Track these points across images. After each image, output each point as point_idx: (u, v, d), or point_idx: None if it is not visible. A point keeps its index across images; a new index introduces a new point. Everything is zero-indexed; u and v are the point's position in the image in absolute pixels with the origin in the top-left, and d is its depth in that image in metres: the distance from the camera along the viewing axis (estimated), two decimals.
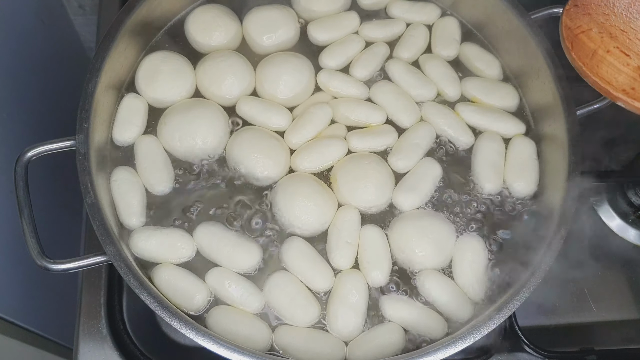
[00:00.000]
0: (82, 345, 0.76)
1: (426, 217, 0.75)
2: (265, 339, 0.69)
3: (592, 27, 0.55)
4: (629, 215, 0.88)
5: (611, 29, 0.54)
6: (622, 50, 0.53)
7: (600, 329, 0.83)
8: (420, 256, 0.72)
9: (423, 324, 0.70)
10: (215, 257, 0.72)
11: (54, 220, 1.01)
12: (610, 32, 0.54)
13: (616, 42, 0.53)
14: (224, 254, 0.71)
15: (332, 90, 0.81)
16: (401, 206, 0.76)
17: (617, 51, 0.53)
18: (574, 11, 0.56)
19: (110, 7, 0.93)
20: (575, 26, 0.56)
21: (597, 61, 0.54)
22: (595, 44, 0.54)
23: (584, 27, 0.55)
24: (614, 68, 0.54)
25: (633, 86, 0.53)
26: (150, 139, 0.77)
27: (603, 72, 0.55)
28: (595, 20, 0.54)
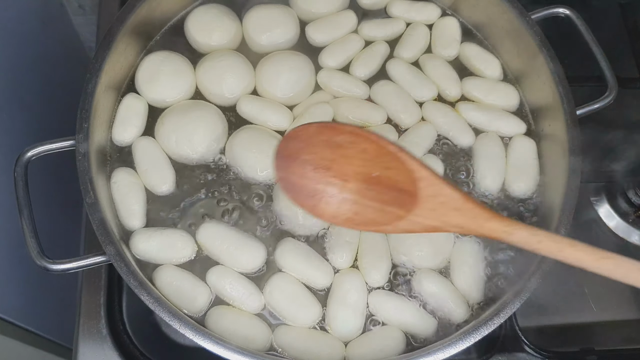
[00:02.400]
0: (82, 345, 0.76)
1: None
2: (265, 339, 0.69)
3: (306, 167, 0.56)
4: (629, 215, 0.88)
5: (324, 162, 0.56)
6: (340, 178, 0.55)
7: (600, 329, 0.83)
8: (417, 256, 0.72)
9: (413, 324, 0.70)
10: (218, 256, 0.72)
11: (54, 220, 1.01)
12: (324, 165, 0.56)
13: (332, 172, 0.55)
14: (228, 253, 0.71)
15: (332, 90, 0.81)
16: None
17: (335, 180, 0.55)
18: (282, 162, 0.58)
19: (110, 7, 0.93)
20: (289, 174, 0.58)
21: (319, 199, 0.56)
22: (314, 182, 0.56)
23: (299, 171, 0.57)
24: (337, 198, 0.56)
25: (357, 211, 0.55)
26: (147, 141, 0.77)
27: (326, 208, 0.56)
28: (305, 160, 0.56)
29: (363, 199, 0.56)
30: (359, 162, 0.55)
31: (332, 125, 0.58)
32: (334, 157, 0.56)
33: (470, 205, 0.53)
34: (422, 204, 0.53)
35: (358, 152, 0.55)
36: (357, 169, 0.55)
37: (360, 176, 0.55)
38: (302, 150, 0.57)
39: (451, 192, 0.53)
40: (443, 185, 0.53)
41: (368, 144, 0.54)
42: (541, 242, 0.51)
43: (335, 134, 0.56)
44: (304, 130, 0.57)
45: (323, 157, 0.56)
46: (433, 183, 0.53)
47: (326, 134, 0.56)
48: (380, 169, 0.54)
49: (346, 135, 0.55)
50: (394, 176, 0.54)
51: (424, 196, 0.53)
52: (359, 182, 0.55)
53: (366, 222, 0.56)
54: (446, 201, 0.53)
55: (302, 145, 0.57)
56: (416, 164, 0.53)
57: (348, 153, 0.55)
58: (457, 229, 0.54)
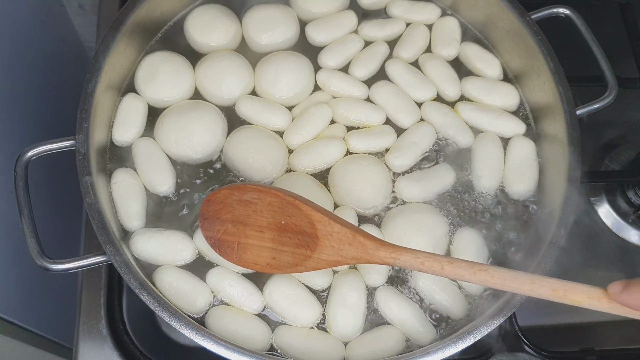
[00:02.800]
0: (82, 345, 0.76)
1: (418, 211, 0.74)
2: (265, 339, 0.69)
3: (227, 225, 0.64)
4: (629, 215, 0.88)
5: (240, 218, 0.64)
6: (256, 230, 0.63)
7: (600, 329, 0.83)
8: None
9: (413, 327, 0.70)
10: (217, 258, 0.72)
11: (54, 220, 1.01)
12: (241, 221, 0.64)
13: (249, 226, 0.63)
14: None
15: (331, 90, 0.81)
16: (400, 193, 0.76)
17: (252, 232, 0.63)
18: (207, 224, 0.65)
19: (110, 7, 0.93)
20: (214, 233, 0.65)
21: (242, 250, 0.64)
22: (236, 236, 0.64)
23: (221, 228, 0.65)
24: (257, 247, 0.63)
25: (274, 256, 0.63)
26: (147, 141, 0.77)
27: (249, 257, 0.64)
28: (225, 219, 0.64)
29: (278, 245, 0.63)
30: (268, 214, 0.62)
31: (238, 186, 0.65)
32: (247, 213, 0.63)
33: (360, 239, 0.59)
34: (322, 242, 0.60)
35: (265, 206, 0.62)
36: (268, 220, 0.63)
37: (272, 225, 0.63)
38: (221, 211, 0.64)
39: (342, 228, 0.60)
40: (334, 224, 0.60)
41: (271, 197, 0.62)
42: (424, 263, 0.57)
43: (243, 193, 0.63)
44: (217, 194, 0.65)
45: (239, 214, 0.64)
46: (327, 223, 0.60)
47: (236, 195, 0.64)
48: (286, 217, 0.62)
49: (252, 192, 0.63)
50: (297, 222, 0.61)
51: (322, 235, 0.60)
52: (272, 231, 0.63)
53: (283, 265, 0.63)
54: (340, 237, 0.60)
55: (220, 206, 0.64)
56: (311, 210, 0.60)
57: (258, 208, 0.63)
58: (353, 261, 0.60)
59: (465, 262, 0.56)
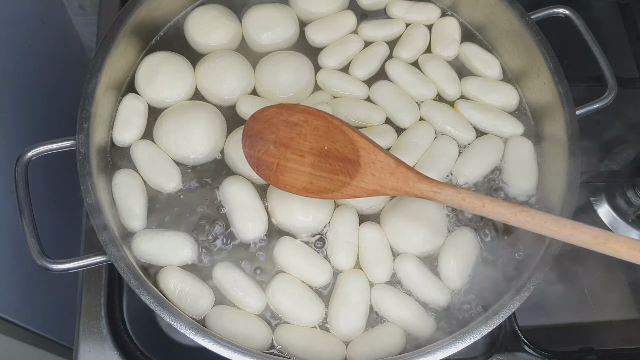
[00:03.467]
0: (82, 345, 0.76)
1: (415, 202, 0.74)
2: (265, 338, 0.69)
3: (269, 145, 0.65)
4: (629, 215, 0.88)
5: (284, 140, 0.65)
6: (297, 153, 0.64)
7: (600, 329, 0.83)
8: (414, 242, 0.73)
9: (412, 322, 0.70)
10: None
11: (54, 220, 1.01)
12: (284, 143, 0.65)
13: (290, 149, 0.64)
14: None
15: (331, 90, 0.81)
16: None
17: (293, 155, 0.64)
18: (249, 142, 0.67)
19: (110, 7, 0.93)
20: (255, 151, 0.66)
21: (280, 172, 0.65)
22: (276, 157, 0.65)
23: (262, 148, 0.66)
24: (295, 171, 0.65)
25: (311, 181, 0.64)
26: (144, 144, 0.76)
27: (286, 179, 0.65)
28: (268, 139, 0.65)
29: (316, 170, 0.64)
30: (312, 139, 0.63)
31: (288, 106, 0.65)
32: (291, 136, 0.64)
33: (402, 169, 0.60)
34: (364, 170, 0.61)
35: (311, 130, 0.63)
36: (311, 144, 0.64)
37: (313, 151, 0.64)
38: (265, 130, 0.65)
39: (385, 157, 0.61)
40: (379, 152, 0.61)
41: (319, 120, 0.63)
42: (465, 199, 0.58)
43: (291, 114, 0.64)
44: (265, 112, 0.65)
45: (282, 135, 0.65)
46: (371, 151, 0.61)
47: (284, 115, 0.64)
48: (330, 142, 0.63)
49: (300, 114, 0.64)
50: (341, 148, 0.62)
51: (365, 163, 0.61)
52: (312, 156, 0.64)
53: (319, 190, 0.64)
54: (383, 166, 0.61)
55: (264, 125, 0.65)
56: (357, 135, 0.62)
57: (303, 131, 0.64)
58: (392, 192, 0.61)
59: (507, 203, 0.56)
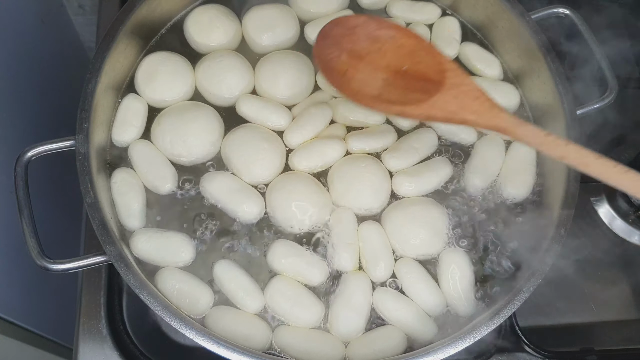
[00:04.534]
0: (82, 345, 0.76)
1: (416, 204, 0.75)
2: (265, 338, 0.69)
3: (343, 53, 0.64)
4: (629, 215, 0.88)
5: (360, 52, 0.63)
6: (370, 67, 0.63)
7: (600, 329, 0.83)
8: (413, 244, 0.73)
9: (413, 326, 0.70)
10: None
11: (54, 220, 1.01)
12: (359, 55, 0.63)
13: (364, 62, 0.63)
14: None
15: (331, 90, 0.81)
16: (397, 189, 0.76)
17: (366, 68, 0.63)
18: (323, 42, 0.65)
19: (110, 7, 0.93)
20: (326, 54, 0.65)
21: (349, 79, 0.63)
22: (346, 66, 0.64)
23: (334, 53, 0.64)
24: (364, 82, 0.63)
25: (380, 93, 0.62)
26: (142, 144, 0.76)
27: (354, 85, 0.63)
28: (344, 48, 0.64)
29: (389, 86, 0.62)
30: (392, 56, 0.63)
31: (376, 19, 0.65)
32: (370, 50, 0.63)
33: (487, 97, 0.59)
34: (446, 91, 0.60)
35: (395, 47, 0.63)
36: (388, 61, 0.63)
37: (390, 68, 0.62)
38: (344, 38, 0.64)
39: (472, 83, 0.60)
40: (467, 77, 0.60)
41: (406, 39, 0.63)
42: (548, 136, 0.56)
43: (379, 28, 0.64)
44: (351, 20, 0.65)
45: (360, 47, 0.63)
46: (459, 74, 0.60)
47: (371, 27, 0.64)
48: (412, 62, 0.62)
49: (389, 29, 0.63)
50: (424, 69, 0.61)
51: (449, 84, 0.60)
52: (387, 73, 0.62)
53: (390, 101, 0.62)
54: (468, 90, 0.59)
55: (345, 32, 0.64)
56: (445, 58, 0.62)
57: (384, 48, 0.63)
58: (473, 116, 0.59)
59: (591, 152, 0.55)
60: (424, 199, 0.76)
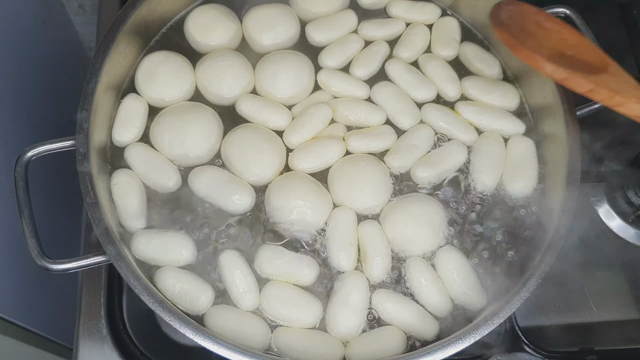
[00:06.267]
0: (82, 345, 0.76)
1: (415, 201, 0.74)
2: (264, 338, 0.69)
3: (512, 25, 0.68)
4: (629, 215, 0.88)
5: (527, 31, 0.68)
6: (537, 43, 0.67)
7: (600, 329, 0.83)
8: (415, 241, 0.73)
9: (414, 324, 0.70)
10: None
11: (54, 220, 1.01)
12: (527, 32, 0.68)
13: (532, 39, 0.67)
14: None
15: (332, 90, 0.81)
16: (416, 178, 0.77)
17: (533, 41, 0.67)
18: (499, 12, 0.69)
19: (110, 7, 0.93)
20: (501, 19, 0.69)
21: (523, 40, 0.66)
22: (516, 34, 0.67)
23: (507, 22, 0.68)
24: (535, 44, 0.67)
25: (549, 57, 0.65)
26: (138, 146, 0.76)
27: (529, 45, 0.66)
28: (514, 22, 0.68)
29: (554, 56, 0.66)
30: (556, 43, 0.68)
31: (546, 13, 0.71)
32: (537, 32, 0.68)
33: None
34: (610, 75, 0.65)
35: (559, 39, 0.68)
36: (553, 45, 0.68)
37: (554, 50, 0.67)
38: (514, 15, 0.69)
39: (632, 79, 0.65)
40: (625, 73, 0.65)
41: (570, 35, 0.69)
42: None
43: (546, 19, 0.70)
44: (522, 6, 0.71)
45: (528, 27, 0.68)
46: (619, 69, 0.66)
47: (540, 17, 0.70)
48: (575, 52, 0.67)
49: (555, 24, 0.69)
50: (587, 58, 0.67)
51: (612, 72, 0.65)
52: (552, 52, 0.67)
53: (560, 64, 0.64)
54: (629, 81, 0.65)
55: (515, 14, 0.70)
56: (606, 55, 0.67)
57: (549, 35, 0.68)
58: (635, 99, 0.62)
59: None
60: (423, 196, 0.76)
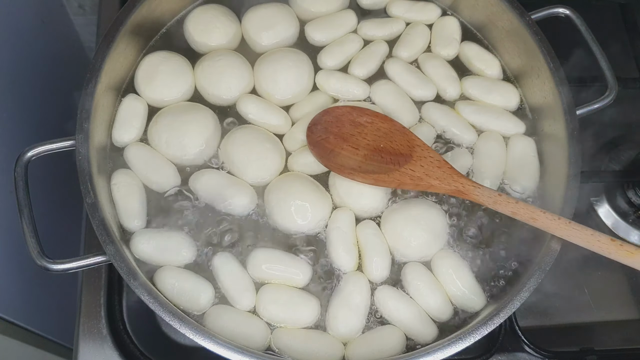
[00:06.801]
0: (82, 345, 0.76)
1: (416, 205, 0.74)
2: (264, 338, 0.69)
3: (330, 136, 0.75)
4: (629, 215, 0.88)
5: (344, 135, 0.75)
6: (352, 146, 0.74)
7: (600, 329, 0.83)
8: (414, 246, 0.72)
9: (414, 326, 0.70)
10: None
11: (54, 220, 1.01)
12: (344, 138, 0.75)
13: (348, 142, 0.74)
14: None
15: (331, 91, 0.81)
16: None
17: (349, 147, 0.74)
18: (314, 128, 0.76)
19: (110, 7, 0.93)
20: (316, 137, 0.75)
21: (335, 156, 0.74)
22: (333, 146, 0.74)
23: (323, 136, 0.75)
24: (347, 158, 0.74)
25: (360, 166, 0.73)
26: (137, 147, 0.76)
27: (338, 161, 0.74)
28: (331, 131, 0.75)
29: (368, 160, 0.73)
30: (371, 137, 0.75)
31: (358, 108, 0.77)
32: (353, 133, 0.75)
33: (448, 166, 0.72)
34: (414, 162, 0.72)
35: (373, 130, 0.75)
36: (368, 142, 0.74)
37: (369, 146, 0.74)
38: (332, 124, 0.76)
39: (436, 154, 0.73)
40: (431, 151, 0.73)
41: (383, 123, 0.75)
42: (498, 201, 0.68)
43: (360, 115, 0.76)
44: (337, 110, 0.77)
45: (345, 131, 0.75)
46: (425, 149, 0.73)
47: (353, 115, 0.76)
48: (387, 141, 0.74)
49: (368, 116, 0.76)
50: (396, 146, 0.74)
51: (417, 157, 0.72)
52: (367, 150, 0.74)
53: (367, 172, 0.73)
54: (432, 161, 0.72)
55: (332, 120, 0.76)
56: (415, 136, 0.75)
57: (365, 131, 0.75)
58: (437, 181, 0.71)
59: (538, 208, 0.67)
60: (423, 200, 0.76)
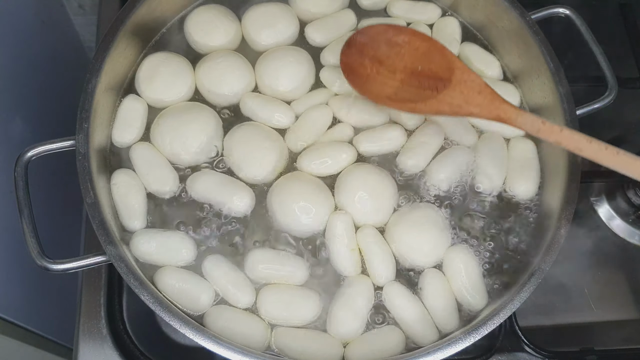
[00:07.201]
0: (82, 345, 0.76)
1: (416, 209, 0.74)
2: (264, 338, 0.69)
3: (365, 59, 0.72)
4: (629, 215, 0.88)
5: (381, 57, 0.71)
6: (389, 70, 0.70)
7: (600, 329, 0.83)
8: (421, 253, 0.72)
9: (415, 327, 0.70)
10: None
11: (54, 220, 1.01)
12: (380, 60, 0.71)
13: (384, 66, 0.71)
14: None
15: (335, 88, 0.81)
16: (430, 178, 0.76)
17: (385, 71, 0.71)
18: (348, 51, 0.73)
19: (110, 7, 0.93)
20: (351, 60, 0.72)
21: (371, 83, 0.71)
22: (368, 70, 0.71)
23: (358, 60, 0.72)
24: (383, 84, 0.70)
25: (396, 92, 0.70)
26: (143, 146, 0.76)
27: (372, 88, 0.71)
28: (366, 54, 0.72)
29: (404, 85, 0.70)
30: (408, 59, 0.70)
31: (395, 26, 0.73)
32: (389, 54, 0.71)
33: (490, 90, 0.66)
34: (453, 87, 0.67)
35: (411, 50, 0.71)
36: (405, 64, 0.70)
37: (407, 69, 0.70)
38: (366, 46, 0.72)
39: (477, 78, 0.67)
40: (472, 73, 0.68)
41: (421, 42, 0.71)
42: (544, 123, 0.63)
43: (397, 34, 0.72)
44: (372, 29, 0.73)
45: (381, 53, 0.71)
46: (465, 72, 0.68)
47: (390, 33, 0.72)
48: (425, 63, 0.70)
49: (405, 35, 0.71)
50: (435, 68, 0.69)
51: (457, 81, 0.68)
52: (404, 74, 0.70)
53: (403, 100, 0.69)
54: (473, 85, 0.67)
55: (367, 41, 0.72)
56: (455, 57, 0.70)
57: (402, 51, 0.71)
58: (477, 108, 0.66)
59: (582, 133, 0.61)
60: (426, 204, 0.76)
